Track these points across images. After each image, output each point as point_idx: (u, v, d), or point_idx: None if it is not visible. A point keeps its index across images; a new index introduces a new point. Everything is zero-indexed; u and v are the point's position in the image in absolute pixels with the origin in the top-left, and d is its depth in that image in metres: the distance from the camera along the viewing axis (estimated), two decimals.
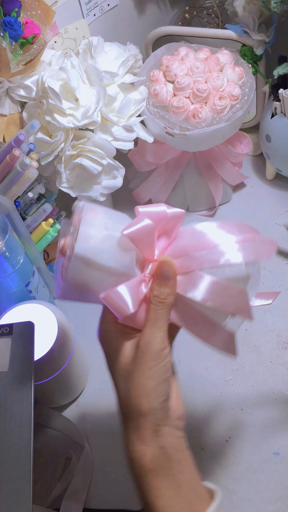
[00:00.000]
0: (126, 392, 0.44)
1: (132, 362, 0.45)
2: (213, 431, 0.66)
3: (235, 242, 0.47)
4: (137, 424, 0.44)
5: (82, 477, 0.65)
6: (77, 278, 0.44)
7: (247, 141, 0.86)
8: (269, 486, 0.61)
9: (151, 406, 0.44)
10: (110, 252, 0.44)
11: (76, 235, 0.44)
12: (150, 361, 0.44)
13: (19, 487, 0.48)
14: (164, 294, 0.45)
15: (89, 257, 0.43)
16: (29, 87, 0.71)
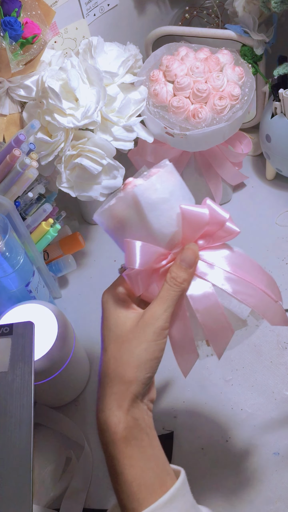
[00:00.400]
0: (117, 357, 0.45)
1: (130, 331, 0.45)
2: (213, 431, 0.66)
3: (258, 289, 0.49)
4: (119, 390, 0.44)
5: (82, 477, 0.65)
6: (120, 211, 0.46)
7: (247, 141, 0.86)
8: (269, 486, 0.61)
9: (137, 376, 0.44)
10: (160, 214, 0.46)
11: (146, 180, 0.46)
12: (150, 334, 0.45)
13: (19, 487, 0.48)
14: (180, 278, 0.46)
15: (142, 203, 0.45)
16: (29, 87, 0.71)
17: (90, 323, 0.80)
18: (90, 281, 0.86)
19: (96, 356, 0.76)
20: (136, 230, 0.47)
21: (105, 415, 0.44)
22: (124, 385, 0.44)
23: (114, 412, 0.44)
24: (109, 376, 0.45)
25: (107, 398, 0.45)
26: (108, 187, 0.73)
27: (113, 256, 0.87)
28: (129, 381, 0.44)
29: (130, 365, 0.45)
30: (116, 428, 0.44)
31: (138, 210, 0.46)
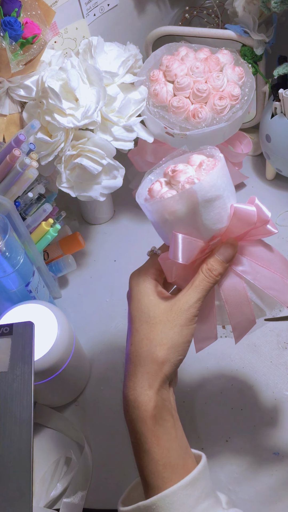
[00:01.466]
0: (150, 338, 0.46)
1: (164, 314, 0.47)
2: (213, 431, 0.66)
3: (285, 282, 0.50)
4: (151, 369, 0.46)
5: (82, 477, 0.65)
6: (175, 205, 0.46)
7: (247, 141, 0.86)
8: (269, 486, 0.61)
9: (170, 358, 0.46)
10: (212, 211, 0.47)
11: (204, 175, 0.46)
12: (183, 319, 0.47)
13: (19, 487, 0.48)
14: (216, 271, 0.48)
15: (200, 201, 0.45)
16: (29, 87, 0.71)
17: (90, 323, 0.80)
18: (90, 281, 0.86)
19: (96, 356, 0.76)
20: (185, 223, 0.47)
21: (136, 392, 0.46)
22: (157, 365, 0.46)
23: (145, 391, 0.45)
24: (142, 356, 0.46)
25: (139, 377, 0.46)
26: (108, 187, 0.73)
27: (113, 256, 0.87)
28: (162, 361, 0.46)
29: (164, 346, 0.46)
30: (147, 406, 0.45)
31: (194, 207, 0.46)
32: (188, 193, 0.45)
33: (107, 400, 0.72)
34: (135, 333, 0.48)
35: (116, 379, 0.73)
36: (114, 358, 0.75)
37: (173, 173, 0.48)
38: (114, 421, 0.69)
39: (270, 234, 0.50)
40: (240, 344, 0.73)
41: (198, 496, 0.44)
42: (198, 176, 0.47)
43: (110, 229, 0.92)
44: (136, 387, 0.46)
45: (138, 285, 0.49)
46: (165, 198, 0.46)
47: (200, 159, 0.49)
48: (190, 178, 0.47)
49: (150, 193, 0.50)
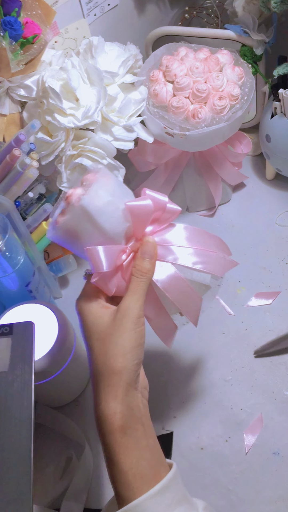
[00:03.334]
0: (104, 352, 0.47)
1: (110, 326, 0.48)
2: (213, 431, 0.66)
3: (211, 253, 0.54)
4: (111, 381, 0.46)
5: (83, 477, 0.65)
6: (73, 225, 0.49)
7: (247, 141, 0.86)
8: (269, 486, 0.61)
9: (126, 365, 0.47)
10: (109, 216, 0.49)
11: (87, 190, 0.49)
12: (129, 323, 0.47)
13: (19, 487, 0.48)
14: (145, 268, 0.50)
15: (91, 212, 0.48)
16: (29, 87, 0.71)
17: None
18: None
19: None
20: (92, 236, 0.49)
21: (101, 407, 0.46)
22: (116, 376, 0.46)
23: (109, 404, 0.46)
24: (100, 371, 0.47)
25: (101, 392, 0.46)
26: None
27: None
28: (119, 371, 0.46)
29: (118, 356, 0.47)
30: (113, 418, 0.45)
31: (89, 219, 0.48)
32: (78, 209, 0.48)
33: None
34: (90, 352, 0.49)
35: None
36: None
37: (67, 199, 0.50)
38: None
39: (176, 213, 0.53)
40: (240, 344, 0.73)
41: (169, 504, 0.44)
42: (84, 193, 0.49)
43: None
44: (101, 402, 0.46)
45: (83, 309, 0.50)
46: (62, 221, 0.49)
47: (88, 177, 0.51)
48: (76, 196, 0.49)
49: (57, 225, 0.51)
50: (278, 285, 0.78)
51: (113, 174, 0.73)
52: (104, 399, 0.46)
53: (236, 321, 0.75)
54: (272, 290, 0.77)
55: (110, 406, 0.46)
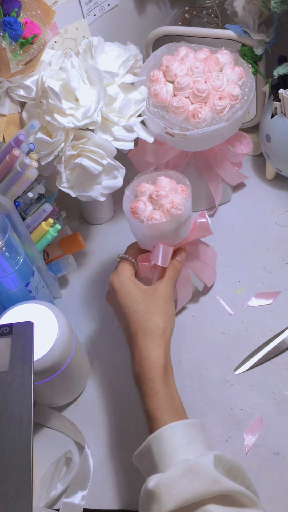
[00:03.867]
0: (150, 311, 0.60)
1: (150, 296, 0.62)
2: (213, 431, 0.66)
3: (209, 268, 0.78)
4: (157, 334, 0.58)
5: (82, 477, 0.65)
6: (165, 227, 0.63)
7: (247, 141, 0.86)
8: (269, 486, 0.61)
9: (169, 324, 0.60)
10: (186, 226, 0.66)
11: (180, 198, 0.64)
12: (168, 297, 0.62)
13: (19, 487, 0.48)
14: (178, 266, 0.67)
15: (182, 221, 0.63)
16: (29, 87, 0.71)
17: (90, 323, 0.80)
18: (90, 281, 0.86)
19: (96, 356, 0.76)
20: (167, 237, 0.64)
21: (148, 350, 0.57)
22: (161, 330, 0.59)
23: (155, 348, 0.57)
24: (146, 327, 0.59)
25: (148, 341, 0.58)
26: (108, 187, 0.73)
27: (113, 256, 0.87)
28: (164, 326, 0.59)
29: (162, 316, 0.60)
30: (158, 357, 0.57)
31: (177, 225, 0.63)
32: (177, 217, 0.62)
33: (107, 400, 0.72)
34: (133, 313, 0.60)
35: (116, 379, 0.73)
36: (114, 358, 0.75)
37: (157, 197, 0.63)
38: (114, 421, 0.69)
39: (208, 234, 0.71)
40: (240, 344, 0.73)
41: (194, 438, 0.52)
42: (174, 199, 0.63)
43: (110, 229, 0.92)
44: (148, 346, 0.57)
45: (122, 282, 0.63)
46: (160, 222, 0.62)
47: (169, 183, 0.65)
48: (175, 204, 0.62)
49: (135, 211, 0.64)
50: (278, 285, 0.78)
51: (113, 174, 0.73)
52: (151, 345, 0.57)
53: (236, 321, 0.75)
54: (272, 290, 0.77)
55: (155, 350, 0.57)
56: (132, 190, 0.67)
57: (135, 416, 0.69)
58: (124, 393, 0.72)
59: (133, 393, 0.71)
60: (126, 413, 0.70)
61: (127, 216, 0.65)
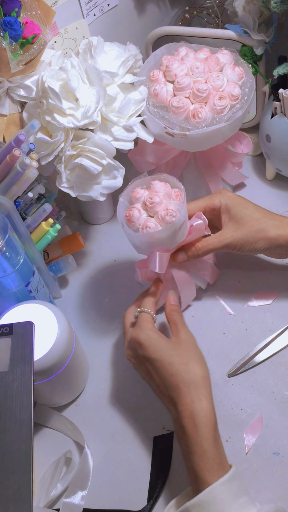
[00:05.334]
0: (186, 362, 0.58)
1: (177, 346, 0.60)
2: None
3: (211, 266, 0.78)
4: (199, 385, 0.56)
5: (82, 477, 0.65)
6: (161, 234, 0.63)
7: (247, 141, 0.86)
8: (269, 486, 0.61)
9: (207, 372, 0.59)
10: (182, 231, 0.65)
11: (174, 204, 0.64)
12: (195, 344, 0.62)
13: (19, 487, 0.48)
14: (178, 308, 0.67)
15: (177, 227, 0.63)
16: (29, 87, 0.71)
17: (90, 323, 0.80)
18: (90, 281, 0.86)
19: (96, 356, 0.76)
20: (163, 243, 0.64)
21: (195, 405, 0.55)
22: (203, 380, 0.57)
23: (202, 401, 0.55)
24: (186, 379, 0.57)
25: (193, 394, 0.56)
26: (108, 187, 0.73)
27: (113, 256, 0.87)
28: (205, 375, 0.58)
29: (200, 364, 0.59)
30: (210, 413, 0.55)
31: (173, 231, 0.63)
32: (172, 225, 0.62)
33: (107, 400, 0.72)
34: (169, 366, 0.58)
35: (116, 379, 0.73)
36: (114, 358, 0.75)
37: (151, 204, 0.63)
38: (114, 421, 0.69)
39: (207, 233, 0.70)
40: (240, 344, 0.73)
41: (236, 492, 0.51)
42: (169, 206, 0.63)
43: (110, 229, 0.92)
44: (194, 400, 0.55)
45: (148, 336, 0.61)
46: (155, 230, 0.62)
47: (163, 187, 0.65)
48: (169, 211, 0.62)
49: (130, 218, 0.64)
50: (278, 285, 0.78)
51: (113, 174, 0.73)
52: (196, 398, 0.55)
53: (236, 321, 0.75)
54: (272, 290, 0.77)
55: (203, 403, 0.55)
56: (126, 197, 0.67)
57: (135, 416, 0.69)
58: (124, 393, 0.72)
59: (133, 393, 0.71)
60: (126, 413, 0.70)
61: (122, 224, 0.65)
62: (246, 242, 0.68)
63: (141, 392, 0.71)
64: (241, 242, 0.68)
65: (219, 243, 0.69)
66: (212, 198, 0.71)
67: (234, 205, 0.69)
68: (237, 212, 0.68)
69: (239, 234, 0.68)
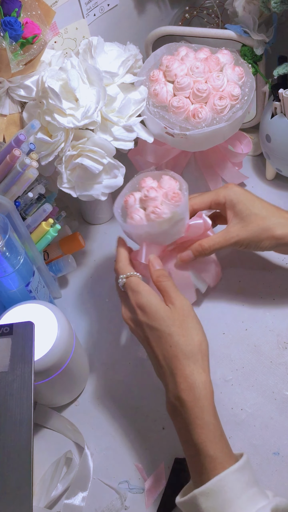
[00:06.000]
0: (184, 335, 0.56)
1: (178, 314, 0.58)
2: None
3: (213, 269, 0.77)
4: (198, 357, 0.56)
5: (82, 478, 0.65)
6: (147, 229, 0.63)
7: (247, 141, 0.86)
8: (269, 486, 0.61)
9: (207, 344, 0.58)
10: (175, 229, 0.65)
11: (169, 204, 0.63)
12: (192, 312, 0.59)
13: (19, 487, 0.48)
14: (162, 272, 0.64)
15: (168, 226, 0.63)
16: (29, 87, 0.71)
17: (90, 323, 0.80)
18: (90, 281, 0.86)
19: (96, 356, 0.76)
20: (154, 237, 0.64)
21: (195, 377, 0.54)
22: (201, 352, 0.56)
23: (201, 374, 0.55)
24: (186, 351, 0.55)
25: (192, 366, 0.55)
26: (109, 186, 0.74)
27: (113, 256, 0.87)
28: (204, 348, 0.57)
29: (198, 336, 0.57)
30: (206, 384, 0.54)
31: (163, 229, 0.63)
32: (156, 223, 0.63)
33: (107, 400, 0.72)
34: (168, 337, 0.56)
35: (116, 379, 0.73)
36: (114, 358, 0.75)
37: (145, 197, 0.64)
38: (114, 421, 0.69)
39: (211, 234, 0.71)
40: (240, 344, 0.73)
41: (246, 482, 0.50)
42: (163, 204, 0.63)
43: (110, 229, 0.92)
44: (193, 373, 0.54)
45: (148, 301, 0.59)
46: (137, 224, 0.63)
47: (169, 185, 0.65)
48: (156, 211, 0.62)
49: (125, 204, 0.66)
50: (278, 285, 0.78)
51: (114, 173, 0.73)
52: (196, 371, 0.55)
53: (236, 321, 0.75)
54: (272, 290, 0.77)
55: (202, 376, 0.54)
56: (133, 184, 0.68)
57: (135, 416, 0.69)
58: (124, 393, 0.72)
59: (133, 393, 0.71)
60: (126, 413, 0.70)
61: (117, 211, 0.66)
62: (252, 240, 0.68)
63: (141, 392, 0.71)
64: (247, 240, 0.68)
65: (225, 241, 0.68)
66: (218, 192, 0.70)
67: (240, 201, 0.68)
68: (242, 209, 0.68)
69: (245, 233, 0.67)
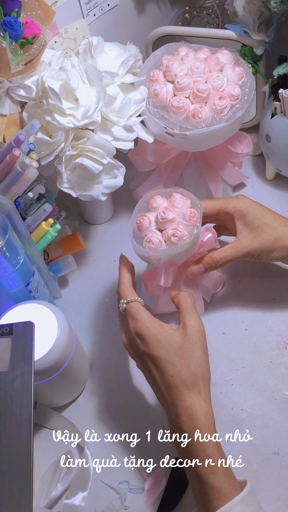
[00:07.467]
0: (186, 365, 0.55)
1: (184, 342, 0.56)
2: None
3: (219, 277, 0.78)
4: (200, 388, 0.55)
5: (83, 478, 0.65)
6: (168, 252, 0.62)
7: (247, 141, 0.86)
8: (269, 486, 0.61)
9: (208, 373, 0.56)
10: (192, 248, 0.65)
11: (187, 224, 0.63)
12: (198, 338, 0.57)
13: (19, 487, 0.48)
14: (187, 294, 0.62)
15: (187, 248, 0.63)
16: (29, 87, 0.71)
17: (90, 323, 0.80)
18: (90, 281, 0.86)
19: (96, 356, 0.76)
20: (172, 259, 0.63)
21: (195, 408, 0.54)
22: (203, 382, 0.55)
23: (202, 405, 0.54)
24: (187, 381, 0.55)
25: (193, 397, 0.54)
26: (109, 186, 0.74)
27: (113, 256, 0.87)
28: (207, 378, 0.56)
29: (201, 367, 0.55)
30: (210, 416, 0.54)
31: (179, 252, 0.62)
32: (177, 247, 0.61)
33: (107, 400, 0.72)
34: (170, 367, 0.55)
35: (116, 380, 0.73)
36: (114, 358, 0.75)
37: (163, 220, 0.62)
38: (114, 421, 0.69)
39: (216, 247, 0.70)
40: (240, 344, 0.73)
41: (252, 511, 0.49)
42: (179, 224, 0.63)
43: (110, 229, 0.92)
44: (194, 404, 0.54)
45: (148, 329, 0.57)
46: (156, 248, 0.62)
47: (182, 203, 0.64)
48: (177, 233, 0.61)
49: (139, 226, 0.64)
50: (278, 285, 0.78)
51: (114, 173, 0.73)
52: (197, 402, 0.54)
53: (236, 321, 0.75)
54: (272, 290, 0.77)
55: (203, 407, 0.54)
56: (142, 205, 0.67)
57: (135, 416, 0.69)
58: (124, 393, 0.72)
59: (133, 393, 0.71)
60: (126, 413, 0.70)
61: (130, 234, 0.65)
62: (263, 251, 0.67)
63: (141, 392, 0.71)
64: (258, 251, 0.67)
65: (237, 253, 0.67)
66: (227, 202, 0.70)
67: (250, 212, 0.68)
68: (253, 220, 0.67)
69: (256, 244, 0.67)
